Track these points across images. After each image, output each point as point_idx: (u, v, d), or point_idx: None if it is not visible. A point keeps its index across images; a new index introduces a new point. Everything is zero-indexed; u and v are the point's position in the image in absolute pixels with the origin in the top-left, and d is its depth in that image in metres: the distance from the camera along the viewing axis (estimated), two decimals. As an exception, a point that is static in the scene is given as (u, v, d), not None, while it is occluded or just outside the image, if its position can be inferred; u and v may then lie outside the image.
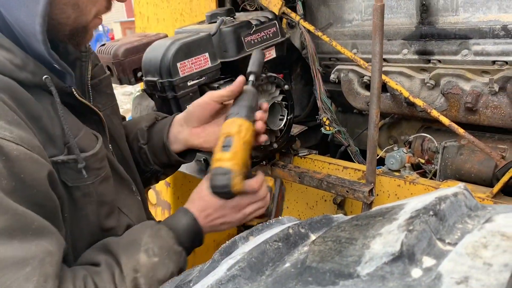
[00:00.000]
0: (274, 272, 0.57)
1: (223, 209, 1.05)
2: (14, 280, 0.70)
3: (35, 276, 0.72)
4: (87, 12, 0.86)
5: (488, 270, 0.40)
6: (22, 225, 0.73)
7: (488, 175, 1.32)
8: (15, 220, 0.72)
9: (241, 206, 1.07)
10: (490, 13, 1.25)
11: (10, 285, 0.69)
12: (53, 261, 0.76)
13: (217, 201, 1.05)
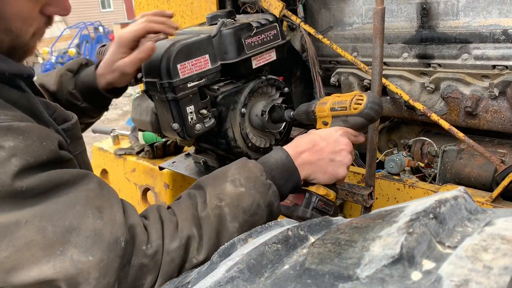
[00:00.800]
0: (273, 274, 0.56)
1: (314, 146, 1.02)
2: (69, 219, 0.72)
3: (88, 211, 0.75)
4: (23, 34, 0.84)
5: (488, 273, 0.39)
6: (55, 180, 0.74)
7: (487, 180, 1.32)
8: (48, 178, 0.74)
9: (337, 145, 1.04)
10: (491, 18, 1.26)
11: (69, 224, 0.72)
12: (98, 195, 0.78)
13: (310, 139, 1.04)
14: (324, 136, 1.05)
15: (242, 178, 0.92)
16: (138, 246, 0.79)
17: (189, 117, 1.21)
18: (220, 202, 0.88)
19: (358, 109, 1.05)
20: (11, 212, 0.69)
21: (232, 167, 0.95)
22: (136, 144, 1.97)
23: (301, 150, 1.02)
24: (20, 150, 0.71)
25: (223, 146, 1.37)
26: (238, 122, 1.34)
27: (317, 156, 1.02)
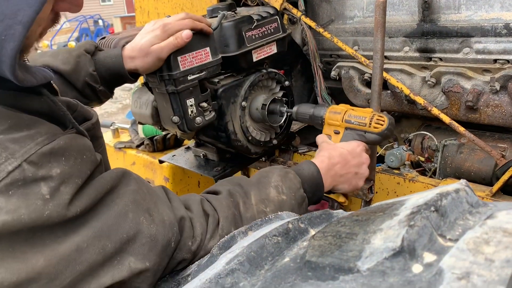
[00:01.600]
0: (273, 266, 0.56)
1: (344, 160, 1.12)
2: (125, 231, 0.70)
3: (141, 216, 0.73)
4: (33, 34, 0.78)
5: (490, 266, 0.39)
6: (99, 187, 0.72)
7: (488, 174, 1.32)
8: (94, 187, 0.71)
9: (361, 159, 1.15)
10: (493, 11, 1.25)
11: (127, 236, 0.70)
12: (142, 195, 0.76)
13: (341, 152, 1.13)
14: (351, 150, 1.15)
15: (285, 187, 0.98)
16: (184, 241, 0.80)
17: (189, 110, 1.20)
18: (266, 208, 0.93)
19: (379, 129, 1.15)
20: (68, 238, 0.65)
21: (275, 173, 1.01)
22: (136, 137, 1.97)
23: (335, 163, 1.11)
24: (67, 174, 0.65)
25: (223, 140, 1.37)
26: (238, 115, 1.33)
27: (346, 169, 1.13)
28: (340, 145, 1.17)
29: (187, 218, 0.81)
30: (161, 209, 0.77)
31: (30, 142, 0.63)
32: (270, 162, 1.62)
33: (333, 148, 1.16)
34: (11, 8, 0.57)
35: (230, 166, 1.48)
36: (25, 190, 0.60)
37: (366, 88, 1.62)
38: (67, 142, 0.68)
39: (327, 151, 1.15)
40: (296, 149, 1.66)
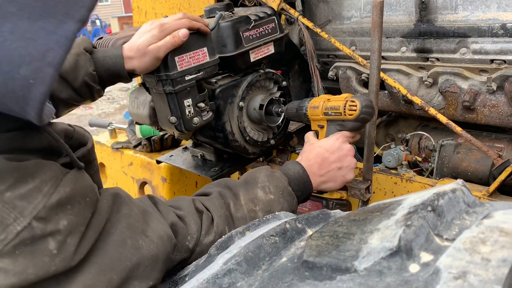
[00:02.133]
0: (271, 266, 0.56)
1: (321, 159, 1.12)
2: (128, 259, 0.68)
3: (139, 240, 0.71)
4: None
5: (487, 265, 0.39)
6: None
7: (484, 174, 1.32)
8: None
9: (342, 153, 1.13)
10: (489, 12, 1.25)
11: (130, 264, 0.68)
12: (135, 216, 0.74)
13: (317, 152, 1.12)
14: (328, 147, 1.13)
15: (272, 186, 0.99)
16: (181, 243, 0.80)
17: (187, 110, 1.20)
18: (255, 206, 0.94)
19: (354, 115, 1.12)
20: (74, 282, 0.62)
21: (261, 174, 1.01)
22: (133, 137, 1.97)
23: (311, 164, 1.11)
24: (73, 225, 0.63)
25: (221, 140, 1.37)
26: (236, 115, 1.33)
27: (326, 168, 1.12)
28: (319, 143, 1.16)
29: (177, 220, 0.81)
30: (155, 226, 0.75)
31: (38, 195, 0.59)
32: (268, 162, 1.62)
33: (310, 149, 1.16)
34: (39, 48, 0.49)
35: (227, 166, 1.48)
36: (33, 248, 0.57)
37: (364, 88, 1.62)
38: (72, 188, 0.65)
39: (304, 153, 1.15)
40: (294, 149, 1.66)
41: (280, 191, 1.00)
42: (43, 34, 0.48)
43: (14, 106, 0.52)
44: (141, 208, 0.77)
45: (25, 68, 0.49)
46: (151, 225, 0.75)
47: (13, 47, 0.47)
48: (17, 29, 0.47)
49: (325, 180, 1.13)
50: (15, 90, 0.50)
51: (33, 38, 0.48)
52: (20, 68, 0.48)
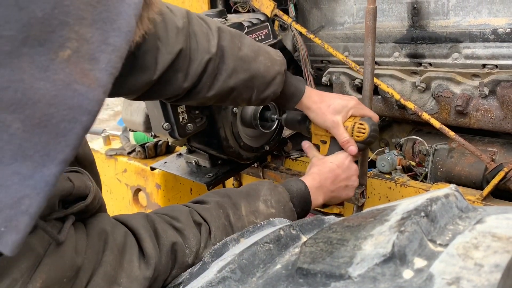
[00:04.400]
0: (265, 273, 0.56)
1: (334, 175, 1.15)
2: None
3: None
4: None
5: (479, 271, 0.40)
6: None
7: (478, 178, 1.33)
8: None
9: (350, 172, 1.18)
10: (481, 17, 1.26)
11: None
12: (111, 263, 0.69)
13: (330, 168, 1.15)
14: (339, 164, 1.17)
15: (274, 200, 0.99)
16: (181, 260, 0.78)
17: (181, 117, 1.20)
18: (256, 219, 0.93)
19: (361, 138, 1.17)
20: None
21: (264, 187, 1.02)
22: (127, 144, 1.96)
23: (326, 179, 1.14)
24: None
25: (215, 146, 1.37)
26: (229, 121, 1.33)
27: (336, 184, 1.16)
28: (329, 159, 1.19)
29: (176, 239, 0.79)
30: (130, 270, 0.71)
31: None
32: (262, 167, 1.62)
33: (322, 163, 1.18)
34: (12, 195, 0.42)
35: (222, 172, 1.48)
36: None
37: (357, 94, 1.63)
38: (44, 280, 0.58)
39: (317, 168, 1.17)
40: (288, 154, 1.66)
41: (282, 206, 1.00)
42: (16, 180, 0.42)
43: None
44: (121, 246, 0.72)
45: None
46: (126, 270, 0.70)
47: None
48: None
49: (334, 195, 1.17)
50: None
51: (5, 185, 0.41)
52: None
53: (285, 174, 1.54)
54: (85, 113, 0.43)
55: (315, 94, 1.21)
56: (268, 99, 1.14)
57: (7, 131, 0.40)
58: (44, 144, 0.42)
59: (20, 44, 0.38)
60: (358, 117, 1.20)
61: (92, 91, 0.43)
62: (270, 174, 1.60)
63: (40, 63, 0.40)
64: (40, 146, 0.42)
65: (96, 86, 0.43)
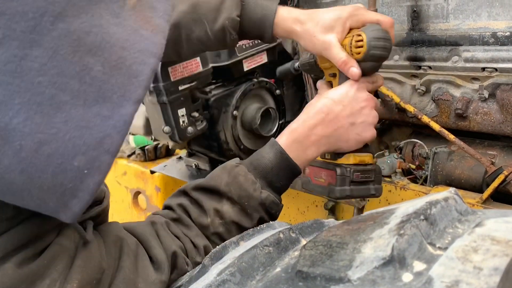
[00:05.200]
0: (265, 277, 0.56)
1: (327, 115, 0.90)
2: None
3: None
4: None
5: (479, 274, 0.40)
6: None
7: (478, 181, 1.33)
8: None
9: (356, 104, 0.91)
10: (480, 21, 1.27)
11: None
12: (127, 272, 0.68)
13: (321, 107, 0.91)
14: (338, 98, 0.91)
15: (235, 196, 0.84)
16: (181, 267, 0.78)
17: (181, 120, 1.21)
18: (221, 219, 0.84)
19: (362, 53, 0.90)
20: None
21: (223, 181, 0.85)
22: (127, 147, 1.97)
23: (312, 125, 0.90)
24: None
25: (215, 149, 1.37)
26: (230, 124, 1.34)
27: (332, 125, 0.90)
28: (327, 93, 0.94)
29: (177, 248, 0.78)
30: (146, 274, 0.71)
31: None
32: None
33: (313, 102, 0.94)
34: (95, 136, 0.44)
35: (222, 175, 1.48)
36: None
37: (357, 97, 1.63)
38: (80, 280, 0.59)
39: (305, 112, 0.94)
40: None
41: (246, 201, 0.84)
42: (98, 121, 0.44)
43: (51, 201, 0.46)
44: (135, 252, 0.72)
45: (79, 158, 0.44)
46: (142, 275, 0.70)
47: (67, 138, 0.43)
48: (71, 118, 0.42)
49: (335, 140, 0.92)
50: (64, 183, 0.45)
51: (88, 126, 0.44)
52: (74, 159, 0.44)
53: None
54: (151, 55, 0.47)
55: (300, 13, 0.97)
56: (227, 29, 0.96)
57: (89, 73, 0.42)
58: (120, 85, 0.44)
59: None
60: (358, 29, 0.94)
61: (155, 35, 0.47)
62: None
63: (113, 10, 0.43)
64: (117, 87, 0.44)
65: (157, 31, 0.47)
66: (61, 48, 0.40)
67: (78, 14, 0.40)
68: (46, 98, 0.40)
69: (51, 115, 0.41)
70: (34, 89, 0.40)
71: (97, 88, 0.43)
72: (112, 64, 0.43)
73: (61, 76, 0.40)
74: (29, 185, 0.44)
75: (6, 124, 0.40)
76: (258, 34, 1.01)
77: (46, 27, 0.38)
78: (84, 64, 0.41)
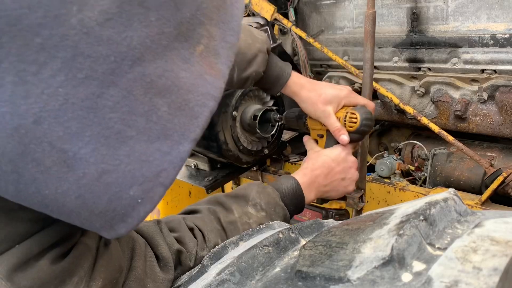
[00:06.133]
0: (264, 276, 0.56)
1: (327, 169, 1.13)
2: None
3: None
4: None
5: (478, 274, 0.40)
6: None
7: (477, 183, 1.33)
8: None
9: (346, 164, 1.15)
10: (479, 22, 1.27)
11: None
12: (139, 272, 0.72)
13: (323, 161, 1.13)
14: (335, 157, 1.15)
15: (263, 203, 0.98)
16: (184, 262, 0.80)
17: (180, 120, 1.20)
18: (249, 219, 0.93)
19: (354, 127, 1.14)
20: None
21: (253, 191, 0.99)
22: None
23: (317, 174, 1.12)
24: None
25: (214, 149, 1.37)
26: (229, 125, 1.34)
27: (330, 178, 1.13)
28: (324, 152, 1.17)
29: (180, 247, 0.81)
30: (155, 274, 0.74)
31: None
32: (262, 171, 1.62)
33: (315, 156, 1.16)
34: (153, 169, 0.48)
35: (221, 176, 1.48)
36: None
37: (356, 98, 1.63)
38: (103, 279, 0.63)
39: (310, 162, 1.15)
40: (288, 158, 1.67)
41: (272, 207, 0.99)
42: (158, 156, 0.47)
43: (98, 223, 0.49)
44: (144, 253, 0.75)
45: (135, 188, 0.47)
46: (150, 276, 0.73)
47: (127, 169, 0.46)
48: (134, 152, 0.45)
49: (328, 190, 1.14)
50: (116, 209, 0.48)
51: (148, 160, 0.47)
52: (131, 189, 0.47)
53: (284, 177, 1.55)
54: (212, 98, 0.50)
55: (306, 81, 1.19)
56: (250, 79, 1.11)
57: (157, 113, 0.45)
58: (181, 125, 0.48)
59: (174, 39, 0.45)
60: (350, 107, 1.18)
61: (217, 80, 0.51)
62: (269, 177, 1.60)
63: (184, 56, 0.46)
64: (179, 127, 0.48)
65: (219, 76, 0.51)
66: (135, 89, 0.43)
67: (154, 59, 0.44)
68: (113, 132, 0.43)
69: (116, 148, 0.44)
70: (104, 124, 0.43)
71: (161, 127, 0.46)
72: (177, 105, 0.47)
73: (130, 114, 0.44)
74: (81, 208, 0.46)
75: (75, 154, 0.43)
76: (268, 88, 1.20)
77: (124, 69, 0.42)
78: (153, 104, 0.45)
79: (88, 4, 0.38)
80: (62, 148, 0.42)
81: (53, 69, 0.39)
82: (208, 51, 0.49)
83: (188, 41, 0.46)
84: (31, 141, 0.41)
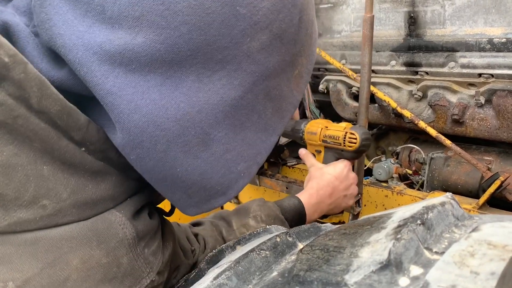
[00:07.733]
0: (261, 281, 0.56)
1: (332, 188, 1.18)
2: None
3: None
4: None
5: (475, 279, 0.40)
6: None
7: (474, 187, 1.33)
8: None
9: (348, 182, 1.21)
10: (477, 27, 1.27)
11: None
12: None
13: (328, 180, 1.18)
14: (338, 175, 1.20)
15: (263, 215, 1.03)
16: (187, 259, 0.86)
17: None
18: (247, 231, 0.97)
19: (354, 147, 1.18)
20: None
21: (254, 204, 1.05)
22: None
23: (322, 194, 1.17)
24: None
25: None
26: (227, 128, 1.34)
27: (335, 196, 1.19)
28: (327, 170, 1.21)
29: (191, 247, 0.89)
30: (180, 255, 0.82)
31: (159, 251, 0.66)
32: (259, 175, 1.62)
33: (320, 176, 1.20)
34: (254, 152, 0.63)
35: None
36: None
37: (354, 102, 1.63)
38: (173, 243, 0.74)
39: (315, 181, 1.19)
40: (285, 162, 1.66)
41: (272, 219, 1.03)
42: (259, 142, 0.63)
43: (197, 197, 0.62)
44: (174, 237, 0.81)
45: (242, 164, 0.62)
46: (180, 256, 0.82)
47: (240, 149, 0.61)
48: (246, 138, 0.61)
49: (332, 207, 1.19)
50: (224, 183, 0.61)
51: (253, 145, 0.62)
52: (239, 165, 0.62)
53: (282, 181, 1.54)
54: (294, 107, 0.68)
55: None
56: None
57: (265, 112, 0.62)
58: (275, 123, 0.65)
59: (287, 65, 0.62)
60: (348, 127, 1.21)
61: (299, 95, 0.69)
62: (266, 181, 1.60)
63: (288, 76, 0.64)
64: (274, 124, 0.64)
65: (300, 93, 0.69)
66: (260, 95, 0.59)
67: (275, 77, 0.60)
68: (239, 122, 0.59)
69: (237, 133, 0.59)
70: (237, 116, 0.58)
71: (265, 122, 0.63)
72: (276, 109, 0.63)
73: (252, 111, 0.60)
74: (195, 183, 0.59)
75: (214, 136, 0.57)
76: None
77: (260, 81, 0.58)
78: (265, 106, 0.61)
79: (255, 38, 0.54)
80: (208, 132, 0.56)
81: (220, 75, 0.54)
82: (299, 75, 0.65)
83: (292, 67, 0.63)
84: (190, 125, 0.54)
